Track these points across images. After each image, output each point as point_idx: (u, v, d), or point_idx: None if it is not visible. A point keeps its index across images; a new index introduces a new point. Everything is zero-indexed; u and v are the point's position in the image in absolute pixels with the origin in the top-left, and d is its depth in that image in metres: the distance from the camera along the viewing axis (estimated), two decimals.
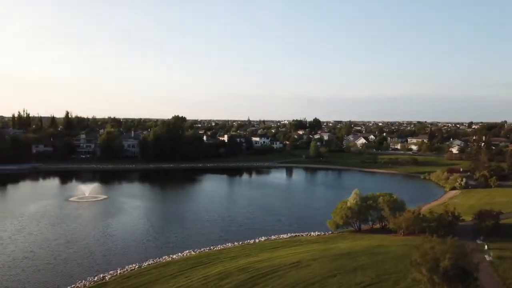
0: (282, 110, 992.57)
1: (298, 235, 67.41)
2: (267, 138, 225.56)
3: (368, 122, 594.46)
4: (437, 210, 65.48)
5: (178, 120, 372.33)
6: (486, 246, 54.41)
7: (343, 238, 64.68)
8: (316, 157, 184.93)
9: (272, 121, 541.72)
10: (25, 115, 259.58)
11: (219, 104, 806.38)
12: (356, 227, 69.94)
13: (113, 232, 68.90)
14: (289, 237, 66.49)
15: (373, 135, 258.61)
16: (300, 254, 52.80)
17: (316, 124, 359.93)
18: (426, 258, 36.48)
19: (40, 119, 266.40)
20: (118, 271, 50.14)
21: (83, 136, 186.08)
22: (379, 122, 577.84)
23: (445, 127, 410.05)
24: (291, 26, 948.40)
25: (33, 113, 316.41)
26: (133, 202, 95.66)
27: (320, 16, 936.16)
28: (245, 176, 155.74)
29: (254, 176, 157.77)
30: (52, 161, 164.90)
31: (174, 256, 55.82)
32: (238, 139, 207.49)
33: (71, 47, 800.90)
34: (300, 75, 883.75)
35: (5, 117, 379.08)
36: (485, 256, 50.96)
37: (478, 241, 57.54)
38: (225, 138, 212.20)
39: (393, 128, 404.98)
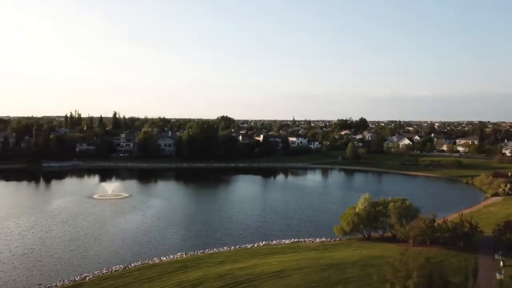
0: (345, 110, 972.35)
1: (301, 241, 64.00)
2: (304, 138, 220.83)
3: (425, 122, 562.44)
4: (470, 218, 58.57)
5: (223, 120, 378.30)
6: (502, 263, 48.06)
7: (347, 246, 60.43)
8: (354, 158, 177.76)
9: (323, 121, 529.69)
10: (76, 116, 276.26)
11: (276, 105, 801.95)
12: (365, 234, 65.17)
13: (116, 231, 69.52)
14: (291, 242, 63.33)
15: (418, 136, 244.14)
16: (288, 263, 49.73)
17: (361, 124, 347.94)
18: (397, 276, 32.32)
19: (91, 119, 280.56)
20: (103, 271, 50.00)
21: (123, 135, 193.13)
22: (436, 122, 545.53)
23: (508, 127, 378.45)
24: (351, 25, 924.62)
25: (96, 114, 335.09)
26: (151, 201, 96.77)
27: (385, 12, 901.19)
28: (275, 177, 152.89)
29: (284, 177, 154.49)
30: (92, 159, 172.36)
31: (164, 258, 54.85)
32: (273, 139, 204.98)
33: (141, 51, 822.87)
34: (361, 73, 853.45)
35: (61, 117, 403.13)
36: (496, 274, 44.93)
37: (496, 256, 51.07)
38: (261, 138, 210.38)
39: (446, 128, 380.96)
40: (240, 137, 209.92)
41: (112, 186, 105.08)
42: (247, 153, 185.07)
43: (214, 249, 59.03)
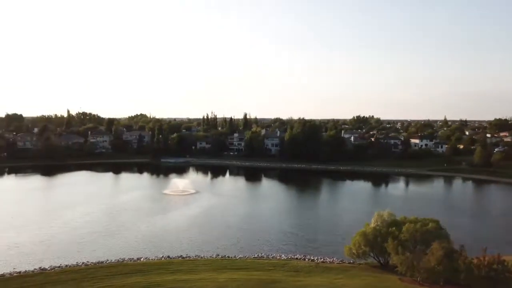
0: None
1: (295, 259, 54.95)
2: (430, 141, 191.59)
3: None
4: None
5: (359, 121, 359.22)
6: None
7: (341, 272, 49.31)
8: (483, 165, 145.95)
9: (486, 121, 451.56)
10: (212, 117, 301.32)
11: (430, 104, 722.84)
12: (380, 260, 52.03)
13: (140, 228, 71.50)
14: (280, 260, 54.55)
15: None
16: (236, 282, 43.24)
17: None
18: None
19: (225, 120, 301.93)
20: (74, 263, 51.84)
21: (236, 135, 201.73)
22: None
23: None
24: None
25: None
26: (210, 200, 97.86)
27: None
28: (370, 185, 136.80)
29: (380, 185, 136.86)
30: (205, 156, 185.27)
31: (140, 259, 54.06)
32: (389, 141, 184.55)
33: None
34: None
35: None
36: None
37: None
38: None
39: None
40: (352, 138, 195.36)
41: (183, 183, 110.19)
42: (355, 155, 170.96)
43: (189, 257, 55.24)
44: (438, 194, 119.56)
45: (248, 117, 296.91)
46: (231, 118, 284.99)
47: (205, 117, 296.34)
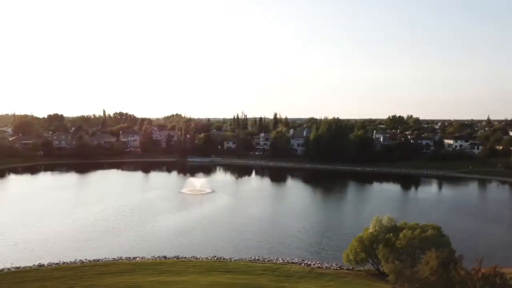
0: None
1: (291, 263, 53.31)
2: (466, 141, 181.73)
3: None
4: None
5: (393, 120, 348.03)
6: None
7: (333, 278, 47.30)
8: None
9: None
10: (243, 117, 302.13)
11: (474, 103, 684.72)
12: (380, 268, 49.31)
13: (145, 227, 72.15)
14: (276, 263, 53.05)
15: None
16: (217, 286, 42.47)
17: None
18: None
19: (255, 120, 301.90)
20: (72, 260, 52.78)
21: (262, 134, 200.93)
22: None
23: None
24: None
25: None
26: (224, 200, 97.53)
27: None
28: (394, 187, 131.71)
29: (405, 187, 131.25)
30: (230, 156, 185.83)
31: (136, 259, 54.45)
32: (419, 141, 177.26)
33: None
34: None
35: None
36: None
37: None
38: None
39: None
40: (382, 138, 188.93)
41: (200, 182, 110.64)
42: (384, 156, 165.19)
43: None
44: (465, 198, 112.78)
45: (278, 117, 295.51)
46: (260, 118, 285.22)
47: (235, 117, 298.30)
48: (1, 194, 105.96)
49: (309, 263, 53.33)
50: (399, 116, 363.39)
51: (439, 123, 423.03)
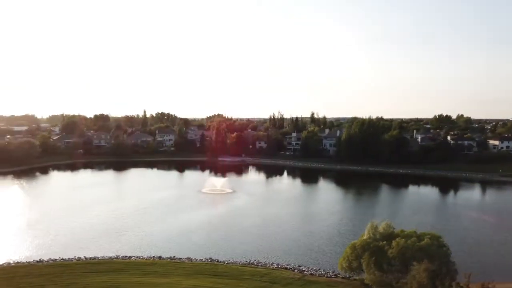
0: None
1: (283, 269, 51.14)
2: None
3: None
4: None
5: (440, 119, 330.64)
6: None
7: (322, 287, 44.75)
8: None
9: None
10: (279, 116, 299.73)
11: None
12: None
13: (153, 226, 72.50)
14: (267, 268, 51.14)
15: None
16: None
17: None
18: None
19: (292, 119, 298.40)
20: (71, 257, 54.14)
21: (294, 134, 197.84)
22: None
23: None
24: None
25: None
26: (241, 200, 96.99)
27: None
28: (425, 190, 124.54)
29: (439, 191, 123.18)
30: (261, 156, 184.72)
31: (131, 258, 54.73)
32: (461, 142, 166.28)
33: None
34: None
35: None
36: None
37: None
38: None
39: None
40: (419, 138, 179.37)
41: (220, 182, 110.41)
42: (422, 157, 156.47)
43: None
44: (499, 204, 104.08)
45: (316, 116, 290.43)
46: (296, 118, 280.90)
47: (271, 117, 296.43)
48: (36, 191, 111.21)
49: (303, 269, 50.96)
50: (446, 115, 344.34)
51: (493, 123, 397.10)
